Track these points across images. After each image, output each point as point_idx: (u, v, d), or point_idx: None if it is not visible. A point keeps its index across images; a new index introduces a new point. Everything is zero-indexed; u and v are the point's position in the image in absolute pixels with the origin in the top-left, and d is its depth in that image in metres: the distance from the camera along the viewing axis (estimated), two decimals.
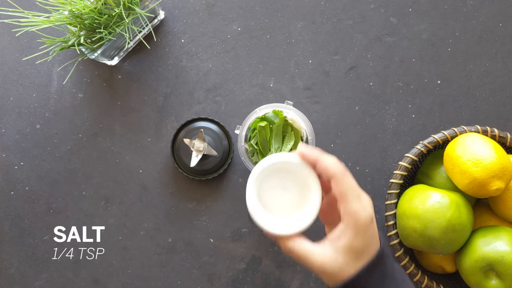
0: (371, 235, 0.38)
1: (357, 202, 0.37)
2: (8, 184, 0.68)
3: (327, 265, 0.37)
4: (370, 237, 0.38)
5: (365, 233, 0.37)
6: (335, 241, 0.38)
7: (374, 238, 0.39)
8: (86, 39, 0.59)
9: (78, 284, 0.68)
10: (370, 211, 0.38)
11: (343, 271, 0.37)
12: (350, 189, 0.37)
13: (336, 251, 0.38)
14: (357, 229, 0.37)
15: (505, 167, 0.54)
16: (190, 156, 0.65)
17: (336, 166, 0.38)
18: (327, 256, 0.38)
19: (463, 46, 0.69)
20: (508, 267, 0.54)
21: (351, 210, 0.37)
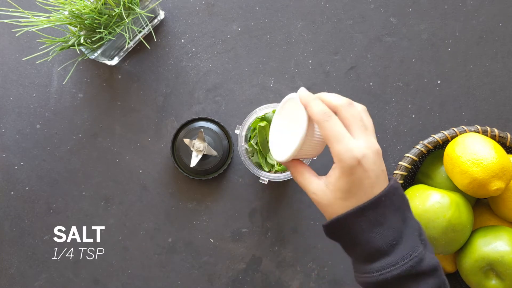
0: (359, 178, 0.39)
1: (339, 145, 0.39)
2: (8, 184, 0.68)
3: (318, 197, 0.41)
4: (358, 179, 0.39)
5: (350, 174, 0.39)
6: (327, 177, 0.41)
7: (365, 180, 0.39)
8: (86, 39, 0.59)
9: (78, 284, 0.68)
10: (356, 153, 0.38)
11: (333, 207, 0.40)
12: (331, 133, 0.39)
13: (326, 186, 0.41)
14: (341, 169, 0.39)
15: (505, 167, 0.54)
16: (190, 156, 0.65)
17: (318, 114, 0.40)
18: (319, 189, 0.41)
19: (463, 46, 0.69)
20: (508, 267, 0.54)
21: (335, 153, 0.39)
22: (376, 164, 0.39)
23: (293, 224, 0.68)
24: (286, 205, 0.69)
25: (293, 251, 0.68)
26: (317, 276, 0.68)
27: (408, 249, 0.39)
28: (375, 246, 0.39)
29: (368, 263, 0.40)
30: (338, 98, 0.41)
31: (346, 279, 0.68)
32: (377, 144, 0.40)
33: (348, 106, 0.41)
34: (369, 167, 0.39)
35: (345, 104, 0.41)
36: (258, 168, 0.62)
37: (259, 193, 0.69)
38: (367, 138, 0.40)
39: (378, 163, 0.39)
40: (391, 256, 0.38)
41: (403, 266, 0.38)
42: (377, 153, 0.40)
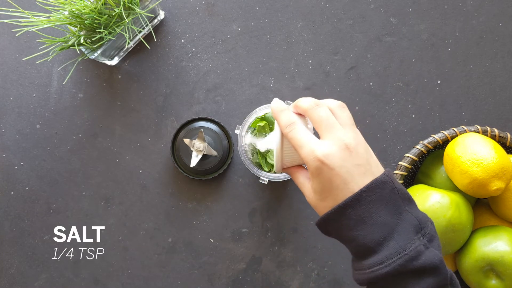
0: (328, 178, 0.39)
1: (303, 149, 0.40)
2: (8, 184, 0.68)
3: (308, 199, 0.42)
4: (326, 179, 0.39)
5: (318, 175, 0.39)
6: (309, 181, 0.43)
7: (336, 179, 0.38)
8: (86, 39, 0.59)
9: (78, 284, 0.68)
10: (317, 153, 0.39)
11: (318, 208, 0.41)
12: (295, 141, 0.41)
13: (309, 189, 0.42)
14: (310, 172, 0.40)
15: (505, 167, 0.54)
16: (190, 156, 0.65)
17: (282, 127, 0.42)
18: (308, 191, 0.42)
19: (463, 46, 0.69)
20: (508, 267, 0.54)
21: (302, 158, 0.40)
22: (345, 160, 0.38)
23: (293, 224, 0.68)
24: (286, 205, 0.69)
25: (293, 251, 0.68)
26: (317, 276, 0.68)
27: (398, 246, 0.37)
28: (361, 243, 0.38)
29: (360, 260, 0.39)
30: (305, 101, 0.42)
31: (346, 279, 0.68)
32: (351, 139, 0.39)
33: (313, 109, 0.41)
34: (336, 164, 0.38)
35: (310, 107, 0.41)
36: (258, 168, 0.62)
37: (259, 193, 0.69)
38: (336, 135, 0.39)
39: (348, 158, 0.38)
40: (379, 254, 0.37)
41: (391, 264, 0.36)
42: (346, 148, 0.39)
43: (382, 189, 0.38)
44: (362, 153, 0.39)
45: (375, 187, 0.38)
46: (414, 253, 0.37)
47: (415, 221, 0.39)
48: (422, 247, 0.37)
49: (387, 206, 0.38)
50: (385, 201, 0.38)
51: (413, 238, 0.38)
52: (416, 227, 0.38)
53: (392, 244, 0.37)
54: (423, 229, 0.39)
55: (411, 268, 0.37)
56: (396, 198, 0.39)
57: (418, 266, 0.37)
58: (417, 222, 0.39)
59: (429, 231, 0.39)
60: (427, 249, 0.38)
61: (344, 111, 0.42)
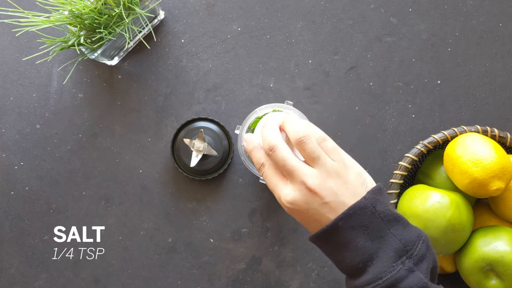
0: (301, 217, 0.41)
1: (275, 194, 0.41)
2: (8, 184, 0.68)
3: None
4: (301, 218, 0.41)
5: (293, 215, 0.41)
6: None
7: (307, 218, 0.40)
8: (86, 39, 0.59)
9: (78, 284, 0.68)
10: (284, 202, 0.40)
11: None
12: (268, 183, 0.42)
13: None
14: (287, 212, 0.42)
15: (505, 167, 0.54)
16: (190, 156, 0.65)
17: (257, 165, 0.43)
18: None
19: (463, 46, 0.69)
20: (508, 267, 0.54)
21: None
22: (310, 202, 0.39)
23: (293, 224, 0.68)
24: None
25: (293, 251, 0.68)
26: (317, 276, 0.68)
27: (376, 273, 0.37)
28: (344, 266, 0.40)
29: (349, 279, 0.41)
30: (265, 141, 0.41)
31: None
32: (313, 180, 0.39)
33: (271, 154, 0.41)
34: (302, 208, 0.39)
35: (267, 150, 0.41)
36: None
37: (259, 193, 0.69)
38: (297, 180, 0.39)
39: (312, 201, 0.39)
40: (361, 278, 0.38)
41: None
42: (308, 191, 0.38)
43: (360, 215, 0.38)
44: (331, 187, 0.39)
45: (352, 213, 0.38)
46: (390, 282, 0.36)
47: (399, 244, 0.38)
48: (404, 272, 0.37)
49: (367, 231, 0.38)
50: (364, 226, 0.38)
51: (392, 265, 0.37)
52: (399, 251, 0.37)
53: (370, 270, 0.37)
54: (409, 251, 0.38)
55: None
56: (377, 222, 0.38)
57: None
58: (401, 245, 0.38)
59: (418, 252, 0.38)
60: (412, 273, 0.37)
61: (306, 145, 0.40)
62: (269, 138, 0.41)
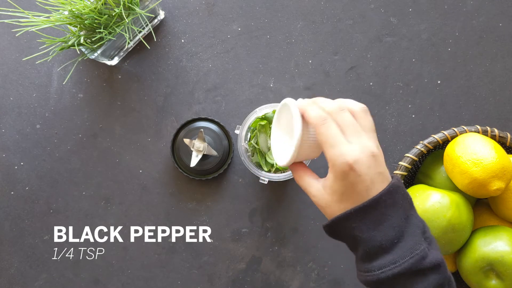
0: (353, 182, 0.39)
1: (332, 149, 0.39)
2: (8, 184, 0.68)
3: (317, 199, 0.42)
4: (351, 183, 0.39)
5: (343, 179, 0.39)
6: (324, 180, 0.42)
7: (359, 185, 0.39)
8: (86, 39, 0.59)
9: (78, 284, 0.68)
10: (348, 158, 0.39)
11: (331, 209, 0.41)
12: (325, 137, 0.40)
13: (324, 188, 0.42)
14: (334, 174, 0.40)
15: (505, 167, 0.54)
16: (190, 156, 0.65)
17: (314, 118, 0.41)
18: (318, 191, 0.42)
19: (463, 46, 0.69)
20: (508, 267, 0.54)
21: (328, 157, 0.40)
22: (371, 167, 0.39)
23: (293, 224, 0.68)
24: (286, 205, 0.69)
25: (293, 251, 0.68)
26: (317, 276, 0.68)
27: (410, 247, 0.39)
28: (376, 244, 0.39)
29: (369, 261, 0.40)
30: (329, 104, 0.42)
31: (346, 279, 0.68)
32: (375, 146, 0.40)
33: (337, 113, 0.41)
34: (362, 172, 0.39)
35: (335, 111, 0.41)
36: (258, 168, 0.62)
37: (259, 193, 0.69)
38: (362, 141, 0.40)
39: (373, 166, 0.39)
40: (392, 254, 0.39)
41: (404, 263, 0.38)
42: (372, 156, 0.40)
43: (397, 193, 0.40)
44: (382, 161, 0.41)
45: (392, 191, 0.40)
46: (423, 253, 0.39)
47: (420, 225, 0.41)
48: (427, 248, 0.40)
49: (399, 210, 0.40)
50: (398, 205, 0.40)
51: (421, 240, 0.40)
52: (422, 230, 0.40)
53: (403, 245, 0.39)
54: (425, 232, 0.41)
55: (420, 267, 0.39)
56: (405, 203, 0.41)
57: (426, 265, 0.39)
58: (422, 225, 0.41)
59: (429, 234, 0.41)
60: (430, 250, 0.40)
61: (367, 116, 0.42)
62: (338, 103, 0.42)
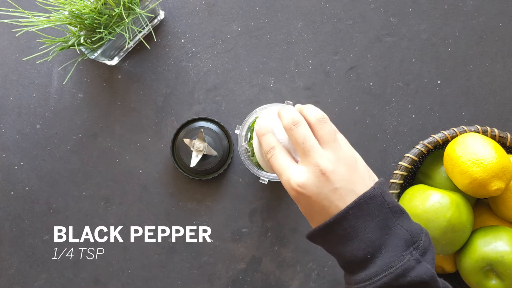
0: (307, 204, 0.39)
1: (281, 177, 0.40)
2: (8, 184, 0.68)
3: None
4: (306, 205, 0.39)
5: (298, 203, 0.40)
6: None
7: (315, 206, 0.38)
8: (86, 39, 0.59)
9: (78, 284, 0.68)
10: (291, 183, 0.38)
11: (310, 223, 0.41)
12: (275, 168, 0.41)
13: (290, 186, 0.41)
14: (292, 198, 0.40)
15: (505, 167, 0.54)
16: (190, 156, 0.65)
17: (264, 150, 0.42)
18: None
19: (463, 46, 0.69)
20: (508, 267, 0.54)
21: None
22: (321, 187, 0.38)
23: (293, 224, 0.68)
24: (286, 205, 0.69)
25: (293, 251, 0.68)
26: (317, 276, 0.68)
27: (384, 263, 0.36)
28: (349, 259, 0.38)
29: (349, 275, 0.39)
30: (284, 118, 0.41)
31: None
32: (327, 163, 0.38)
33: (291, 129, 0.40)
34: (312, 193, 0.38)
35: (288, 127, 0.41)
36: (258, 168, 0.62)
37: (259, 193, 0.69)
38: (312, 160, 0.38)
39: (324, 185, 0.38)
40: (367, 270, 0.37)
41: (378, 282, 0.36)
42: (322, 175, 0.38)
43: (370, 204, 0.38)
44: (342, 174, 0.38)
45: (362, 202, 0.37)
46: (400, 271, 0.36)
47: (406, 235, 0.37)
48: (413, 262, 0.36)
49: (376, 221, 0.37)
50: (373, 216, 0.37)
51: (402, 254, 0.36)
52: (407, 241, 0.37)
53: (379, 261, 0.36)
54: (415, 242, 0.38)
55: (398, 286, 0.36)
56: (385, 212, 0.38)
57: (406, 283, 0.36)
58: (409, 235, 0.38)
59: (423, 243, 0.38)
60: (418, 263, 0.37)
61: (324, 126, 0.40)
62: (293, 114, 0.41)
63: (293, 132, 0.40)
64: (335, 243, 0.38)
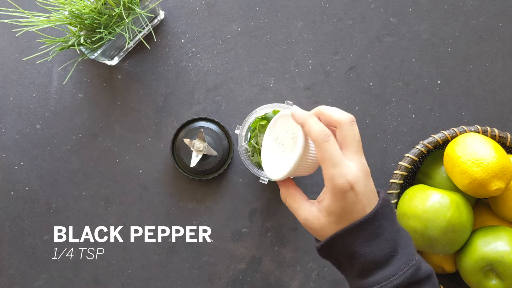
0: (351, 201, 0.39)
1: (333, 169, 0.38)
2: (8, 184, 0.68)
3: (310, 222, 0.41)
4: (351, 203, 0.39)
5: (342, 199, 0.39)
6: (320, 202, 0.41)
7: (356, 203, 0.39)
8: (86, 39, 0.59)
9: (78, 284, 0.68)
10: (349, 177, 0.38)
11: (325, 230, 0.40)
12: (328, 155, 0.39)
13: (319, 211, 0.41)
14: (334, 194, 0.39)
15: (505, 167, 0.54)
16: (190, 156, 0.65)
17: (317, 134, 0.39)
18: (311, 214, 0.41)
19: (463, 46, 0.69)
20: (508, 267, 0.54)
21: (327, 176, 0.39)
22: (367, 186, 0.39)
23: (293, 224, 0.68)
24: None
25: (293, 251, 0.68)
26: (317, 276, 0.68)
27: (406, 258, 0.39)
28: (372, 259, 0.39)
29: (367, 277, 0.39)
30: (340, 113, 0.41)
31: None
32: (367, 164, 0.40)
33: (350, 124, 0.40)
34: (360, 191, 0.39)
35: (347, 122, 0.40)
36: (258, 168, 0.62)
37: (259, 193, 0.69)
38: (360, 160, 0.40)
39: (368, 185, 0.39)
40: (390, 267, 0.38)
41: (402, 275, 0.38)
42: (367, 174, 0.40)
43: (388, 207, 0.40)
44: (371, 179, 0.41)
45: (385, 205, 0.40)
46: (418, 264, 0.39)
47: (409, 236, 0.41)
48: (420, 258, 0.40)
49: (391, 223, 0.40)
50: (389, 218, 0.40)
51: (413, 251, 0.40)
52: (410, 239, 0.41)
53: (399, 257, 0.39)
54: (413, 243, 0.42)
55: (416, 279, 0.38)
56: (394, 215, 0.41)
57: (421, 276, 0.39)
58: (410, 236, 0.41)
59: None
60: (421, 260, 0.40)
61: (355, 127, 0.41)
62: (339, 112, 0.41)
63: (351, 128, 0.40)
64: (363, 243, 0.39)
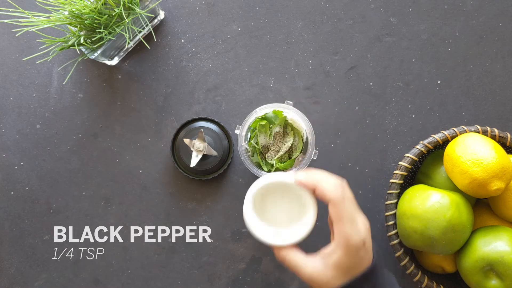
0: (361, 257, 0.41)
1: (351, 226, 0.40)
2: (8, 184, 0.68)
3: (316, 278, 0.41)
4: (360, 258, 0.41)
5: (355, 255, 0.41)
6: (327, 257, 0.42)
7: (365, 258, 0.41)
8: (86, 39, 0.59)
9: (78, 284, 0.68)
10: (363, 235, 0.41)
11: (330, 284, 0.41)
12: (345, 213, 0.41)
13: (325, 266, 0.41)
14: (347, 250, 0.40)
15: (505, 167, 0.54)
16: (190, 156, 0.65)
17: (334, 192, 0.41)
18: (317, 270, 0.42)
19: (463, 46, 0.69)
20: (508, 267, 0.54)
21: (344, 233, 0.40)
22: (371, 241, 0.42)
23: None
24: None
25: None
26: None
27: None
28: None
29: None
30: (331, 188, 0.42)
31: None
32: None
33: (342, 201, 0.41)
34: (369, 247, 0.42)
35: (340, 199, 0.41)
36: (258, 168, 0.62)
37: None
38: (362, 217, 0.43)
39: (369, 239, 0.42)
40: None
41: None
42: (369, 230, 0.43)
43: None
44: None
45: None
46: None
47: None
48: None
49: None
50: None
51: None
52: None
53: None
54: None
55: None
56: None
57: None
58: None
59: None
60: None
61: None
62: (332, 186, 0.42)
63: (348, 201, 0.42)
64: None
